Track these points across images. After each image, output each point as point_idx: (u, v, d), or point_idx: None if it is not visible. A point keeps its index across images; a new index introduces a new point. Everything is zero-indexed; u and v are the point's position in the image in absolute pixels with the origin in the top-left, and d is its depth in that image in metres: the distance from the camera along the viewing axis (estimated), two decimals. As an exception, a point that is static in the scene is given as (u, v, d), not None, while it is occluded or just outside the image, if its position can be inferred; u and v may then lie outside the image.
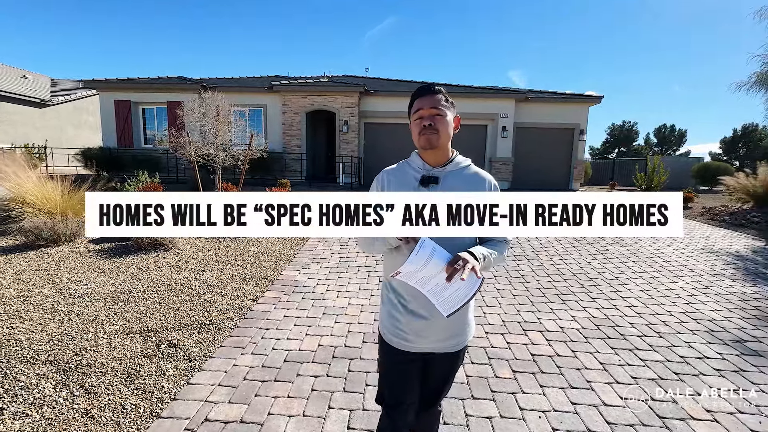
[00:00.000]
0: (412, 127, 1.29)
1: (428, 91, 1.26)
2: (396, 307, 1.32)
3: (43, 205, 5.43)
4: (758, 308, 3.60)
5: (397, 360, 1.35)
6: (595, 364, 2.59)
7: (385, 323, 1.37)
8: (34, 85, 18.04)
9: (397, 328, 1.32)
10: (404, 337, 1.31)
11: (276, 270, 4.34)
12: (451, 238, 1.18)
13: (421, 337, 1.31)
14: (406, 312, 1.30)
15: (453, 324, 1.31)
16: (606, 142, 43.84)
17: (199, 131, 8.30)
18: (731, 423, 2.04)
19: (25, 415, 1.93)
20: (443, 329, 1.31)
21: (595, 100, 14.31)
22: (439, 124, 1.23)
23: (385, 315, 1.37)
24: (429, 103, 1.24)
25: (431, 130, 1.23)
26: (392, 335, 1.33)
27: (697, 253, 5.54)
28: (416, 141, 1.28)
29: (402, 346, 1.32)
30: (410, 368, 1.35)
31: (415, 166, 1.31)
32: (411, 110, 1.29)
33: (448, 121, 1.26)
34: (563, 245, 5.85)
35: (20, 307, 3.13)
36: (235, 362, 2.50)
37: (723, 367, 2.58)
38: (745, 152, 35.10)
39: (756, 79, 10.02)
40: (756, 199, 8.83)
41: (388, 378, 1.40)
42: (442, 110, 1.24)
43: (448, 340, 1.33)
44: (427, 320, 1.28)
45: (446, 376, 1.44)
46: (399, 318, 1.31)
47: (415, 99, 1.28)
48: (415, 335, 1.30)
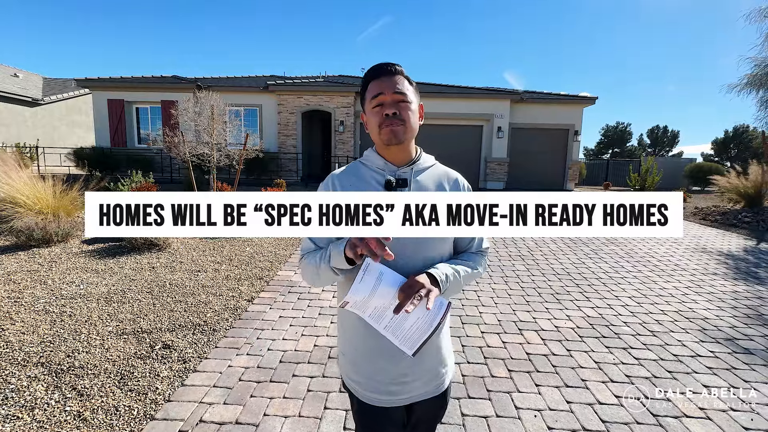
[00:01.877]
0: (367, 116, 1.03)
1: (387, 70, 0.98)
2: (363, 352, 1.03)
3: (35, 205, 5.36)
4: (749, 307, 3.65)
5: (380, 421, 1.05)
6: (590, 363, 2.61)
7: (354, 376, 1.06)
8: (25, 84, 17.81)
9: (372, 380, 1.03)
10: (385, 389, 1.02)
11: (271, 270, 4.32)
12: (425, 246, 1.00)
13: (404, 384, 1.03)
14: (380, 356, 1.01)
15: (434, 355, 1.06)
16: (600, 142, 44.22)
17: (193, 131, 8.24)
18: (724, 420, 2.06)
19: (16, 417, 1.90)
20: (425, 367, 1.05)
21: (589, 101, 14.42)
22: (405, 113, 0.98)
23: (351, 365, 1.06)
24: (391, 87, 0.97)
25: (396, 120, 0.97)
26: (367, 390, 1.04)
27: (690, 253, 5.60)
28: (375, 134, 1.01)
29: (383, 403, 1.03)
30: (395, 427, 1.08)
31: (374, 167, 1.04)
32: (366, 95, 1.02)
33: (414, 109, 1.00)
34: (558, 245, 5.89)
35: (11, 309, 3.08)
36: (231, 363, 2.49)
37: (715, 365, 2.61)
38: (736, 153, 35.55)
39: (747, 81, 10.16)
40: (747, 200, 8.95)
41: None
42: (407, 96, 0.98)
43: (433, 381, 1.07)
44: (407, 361, 1.00)
45: (433, 423, 1.17)
46: (371, 366, 1.03)
47: (371, 81, 0.99)
48: (397, 385, 1.03)
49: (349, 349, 1.07)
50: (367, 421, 1.07)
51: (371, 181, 1.03)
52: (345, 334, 1.09)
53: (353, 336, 1.05)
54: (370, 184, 1.02)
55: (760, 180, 8.92)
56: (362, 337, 1.03)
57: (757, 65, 9.99)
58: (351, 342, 1.06)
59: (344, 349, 1.10)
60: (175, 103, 8.88)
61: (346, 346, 1.09)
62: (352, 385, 1.07)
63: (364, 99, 1.04)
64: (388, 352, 1.00)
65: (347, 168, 1.09)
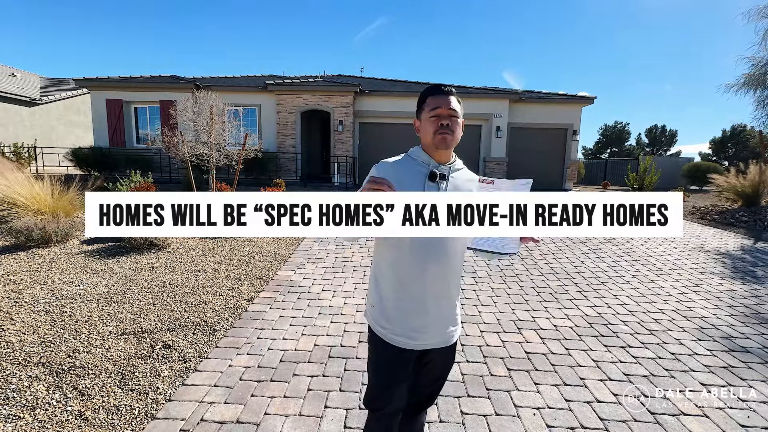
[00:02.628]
0: (423, 123, 1.28)
1: (444, 91, 1.26)
2: (394, 302, 1.27)
3: (33, 206, 5.35)
4: (746, 306, 3.67)
5: (396, 359, 1.28)
6: (588, 362, 2.63)
7: (382, 321, 1.30)
8: (23, 84, 17.74)
9: (397, 326, 1.27)
10: (406, 334, 1.26)
11: (271, 270, 4.33)
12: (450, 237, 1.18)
13: (422, 333, 1.27)
14: (405, 307, 1.26)
15: (448, 314, 1.31)
16: (598, 142, 44.28)
17: (192, 131, 8.23)
18: (720, 418, 2.08)
19: (18, 417, 1.91)
20: (441, 321, 1.29)
21: (587, 100, 14.45)
22: (455, 126, 1.25)
23: (379, 311, 1.31)
24: (447, 104, 1.24)
25: (448, 130, 1.23)
26: (392, 333, 1.27)
27: (688, 252, 5.62)
28: (428, 138, 1.26)
29: (403, 344, 1.27)
30: (407, 368, 1.31)
31: (421, 161, 1.29)
32: (424, 106, 1.28)
33: (460, 123, 1.28)
34: (557, 244, 5.91)
35: (11, 309, 3.08)
36: (231, 363, 2.49)
37: (713, 364, 2.63)
38: (734, 152, 35.66)
39: (745, 81, 10.20)
40: (745, 199, 8.99)
41: (387, 379, 1.30)
42: (457, 112, 1.26)
43: (446, 333, 1.31)
44: (427, 314, 1.26)
45: (444, 373, 1.41)
46: (398, 314, 1.27)
47: (430, 96, 1.27)
48: (416, 331, 1.27)
49: (380, 301, 1.31)
50: (385, 357, 1.30)
51: (417, 171, 1.27)
52: (378, 288, 1.32)
53: (387, 290, 1.29)
54: (417, 173, 1.26)
55: (757, 179, 8.95)
56: (394, 290, 1.27)
57: (755, 65, 10.03)
58: (384, 295, 1.30)
59: (374, 301, 1.33)
60: (173, 103, 8.86)
61: (377, 298, 1.32)
62: (380, 330, 1.30)
63: (421, 109, 1.30)
64: (414, 305, 1.26)
65: (398, 158, 1.34)
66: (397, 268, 1.25)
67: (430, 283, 1.24)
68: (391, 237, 1.21)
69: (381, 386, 1.32)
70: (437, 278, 1.25)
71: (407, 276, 1.24)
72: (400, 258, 1.24)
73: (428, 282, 1.24)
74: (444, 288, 1.28)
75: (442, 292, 1.28)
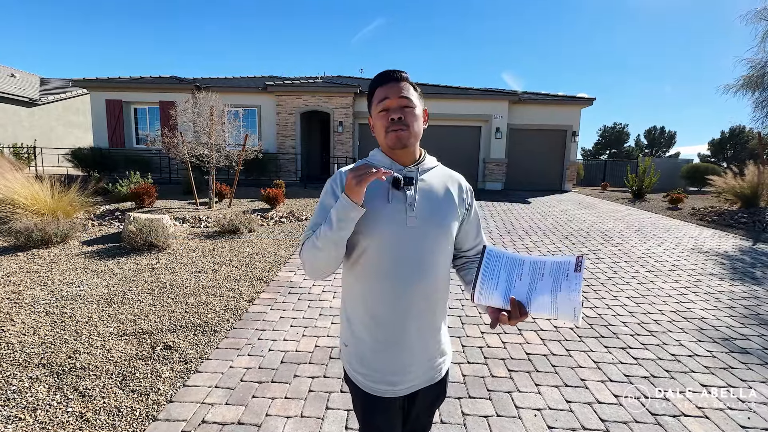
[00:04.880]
0: (374, 120, 1.07)
1: (393, 77, 1.03)
2: (371, 344, 1.06)
3: (33, 206, 5.35)
4: (746, 307, 3.68)
5: (381, 409, 1.08)
6: (589, 363, 2.63)
7: (356, 365, 1.08)
8: (22, 84, 17.73)
9: (377, 372, 1.06)
10: (386, 380, 1.06)
11: (271, 271, 4.33)
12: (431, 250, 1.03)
13: (405, 374, 1.06)
14: (383, 348, 1.05)
15: (434, 347, 1.11)
16: (597, 143, 44.33)
17: (192, 131, 8.23)
18: (721, 419, 2.08)
19: (18, 419, 1.90)
20: (427, 356, 1.10)
21: (587, 102, 14.47)
22: (410, 118, 1.02)
23: (354, 356, 1.09)
24: (396, 92, 1.02)
25: (401, 125, 1.01)
26: (372, 382, 1.06)
27: (687, 253, 5.63)
28: (381, 138, 1.06)
29: (386, 393, 1.06)
30: (393, 415, 1.10)
31: (382, 166, 1.05)
32: (372, 101, 1.06)
33: (417, 114, 1.04)
34: (556, 245, 5.92)
35: (11, 310, 3.08)
36: (232, 364, 2.49)
37: (713, 365, 2.63)
38: (732, 154, 35.74)
39: (743, 82, 10.24)
40: (743, 200, 9.01)
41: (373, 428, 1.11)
42: (412, 101, 1.03)
43: (433, 369, 1.12)
44: (410, 350, 1.06)
45: (432, 410, 1.22)
46: (376, 356, 1.06)
47: (377, 87, 1.05)
48: (396, 375, 1.06)
49: (354, 342, 1.09)
50: (369, 409, 1.09)
51: None
52: (350, 327, 1.10)
53: (359, 329, 1.08)
54: (378, 182, 1.03)
55: (756, 181, 8.98)
56: (368, 330, 1.06)
57: (753, 67, 10.07)
58: (356, 335, 1.09)
59: (347, 341, 1.12)
60: (173, 104, 8.86)
61: (350, 338, 1.10)
62: (355, 375, 1.10)
63: (371, 104, 1.08)
64: (391, 345, 1.05)
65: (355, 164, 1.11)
66: (370, 300, 1.04)
67: (413, 313, 1.03)
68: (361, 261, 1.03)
69: None
70: (420, 305, 1.04)
71: (383, 308, 1.03)
72: (373, 288, 1.03)
73: (410, 312, 1.03)
74: (429, 316, 1.07)
75: (426, 321, 1.07)
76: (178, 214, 6.95)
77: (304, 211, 7.87)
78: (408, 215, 1.02)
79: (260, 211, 7.70)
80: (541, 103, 14.41)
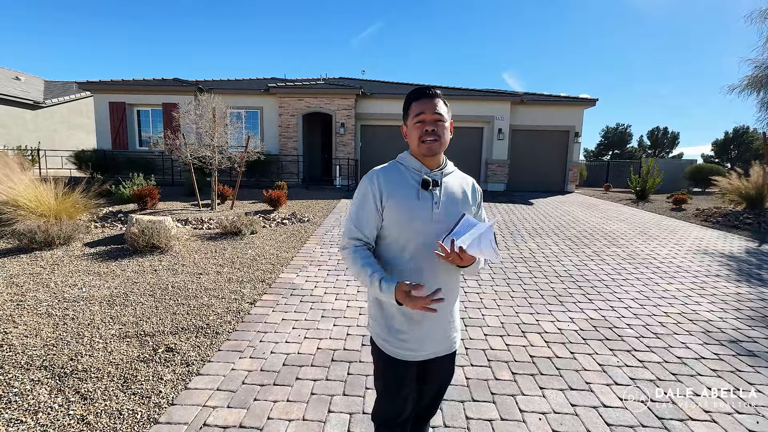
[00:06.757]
0: (409, 129, 1.27)
1: (428, 94, 1.23)
2: (395, 318, 1.28)
3: (37, 208, 5.36)
4: (753, 309, 3.64)
5: (402, 372, 1.30)
6: (593, 366, 2.60)
7: (385, 336, 1.30)
8: (26, 87, 17.83)
9: (399, 339, 1.27)
10: (409, 347, 1.27)
11: (273, 273, 4.32)
12: None
13: (424, 343, 1.29)
14: (407, 320, 1.27)
15: (447, 322, 1.32)
16: (600, 144, 44.18)
17: (195, 133, 8.24)
18: (729, 423, 2.05)
19: (20, 421, 1.90)
20: (441, 330, 1.31)
21: (589, 102, 14.42)
22: (441, 130, 1.23)
23: (383, 327, 1.31)
24: (431, 108, 1.21)
25: (433, 136, 1.21)
26: (396, 347, 1.28)
27: (692, 255, 5.59)
28: (415, 145, 1.25)
29: (407, 357, 1.28)
30: (412, 380, 1.32)
31: (411, 168, 1.28)
32: (409, 112, 1.26)
33: (447, 127, 1.26)
34: (560, 246, 5.88)
35: (14, 312, 3.08)
36: (234, 366, 2.48)
37: (720, 368, 2.60)
38: (736, 154, 35.53)
39: (748, 83, 10.16)
40: (748, 201, 8.94)
41: (396, 392, 1.32)
42: (443, 116, 1.23)
43: (446, 341, 1.33)
44: (428, 324, 1.27)
45: (446, 380, 1.42)
46: (401, 328, 1.27)
47: (414, 101, 1.25)
48: (418, 343, 1.28)
49: (384, 316, 1.30)
50: (391, 371, 1.30)
51: (410, 179, 1.27)
52: (380, 305, 1.30)
53: (389, 305, 1.27)
54: (409, 182, 1.26)
55: (761, 181, 8.91)
56: (395, 307, 1.24)
57: (758, 67, 9.99)
58: (386, 310, 1.29)
59: (375, 316, 1.33)
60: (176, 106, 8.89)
61: (379, 314, 1.32)
62: (382, 343, 1.31)
63: (407, 115, 1.28)
64: (413, 318, 1.26)
65: (388, 166, 1.32)
66: (400, 276, 1.22)
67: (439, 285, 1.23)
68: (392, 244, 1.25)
69: (390, 399, 1.33)
70: (441, 283, 1.23)
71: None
72: (403, 270, 1.23)
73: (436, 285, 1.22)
74: (447, 293, 1.26)
75: (447, 295, 1.26)
76: (180, 215, 6.95)
77: (306, 213, 7.86)
78: (434, 211, 1.23)
79: (262, 212, 7.70)
80: (544, 104, 14.37)
